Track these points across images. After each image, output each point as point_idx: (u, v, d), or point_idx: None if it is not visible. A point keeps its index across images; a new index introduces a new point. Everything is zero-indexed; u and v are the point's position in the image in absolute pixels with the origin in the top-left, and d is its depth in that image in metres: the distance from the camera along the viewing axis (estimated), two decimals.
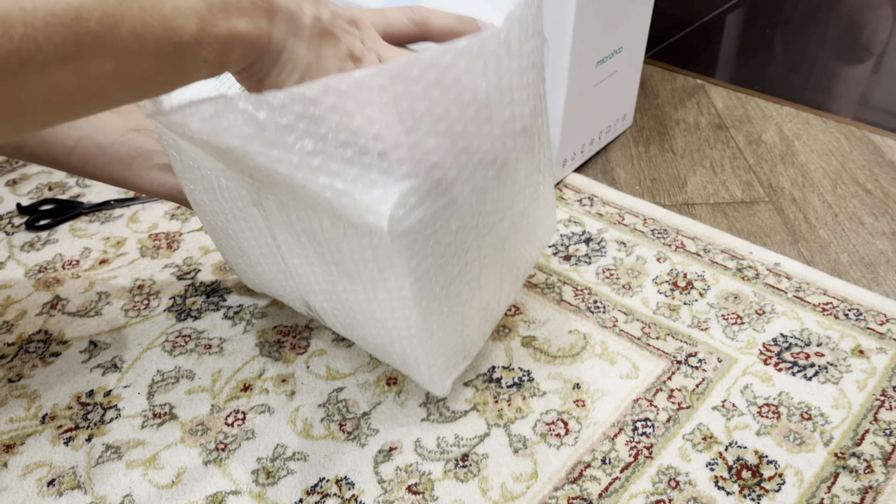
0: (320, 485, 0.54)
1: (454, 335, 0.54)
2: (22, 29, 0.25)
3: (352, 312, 0.54)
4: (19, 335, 0.66)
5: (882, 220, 0.80)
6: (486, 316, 0.58)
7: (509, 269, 0.57)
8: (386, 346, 0.54)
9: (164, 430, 0.57)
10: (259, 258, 0.57)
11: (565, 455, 0.55)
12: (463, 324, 0.55)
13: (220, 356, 0.63)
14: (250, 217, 0.52)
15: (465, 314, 0.54)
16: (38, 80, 0.27)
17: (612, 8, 0.79)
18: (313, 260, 0.50)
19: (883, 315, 0.67)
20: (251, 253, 0.57)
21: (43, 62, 0.26)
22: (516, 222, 0.54)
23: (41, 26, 0.26)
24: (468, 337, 0.57)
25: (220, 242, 0.60)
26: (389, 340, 0.53)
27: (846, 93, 1.06)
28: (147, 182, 0.60)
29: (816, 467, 0.54)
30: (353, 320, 0.55)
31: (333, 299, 0.54)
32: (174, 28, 0.30)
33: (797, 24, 1.27)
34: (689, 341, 0.64)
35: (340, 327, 0.58)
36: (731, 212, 0.81)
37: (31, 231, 0.78)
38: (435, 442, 0.56)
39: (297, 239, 0.50)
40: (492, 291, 0.57)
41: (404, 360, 0.54)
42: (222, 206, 0.54)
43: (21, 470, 0.55)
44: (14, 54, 0.25)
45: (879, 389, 0.60)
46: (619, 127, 0.93)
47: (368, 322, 0.52)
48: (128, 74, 0.30)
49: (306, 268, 0.52)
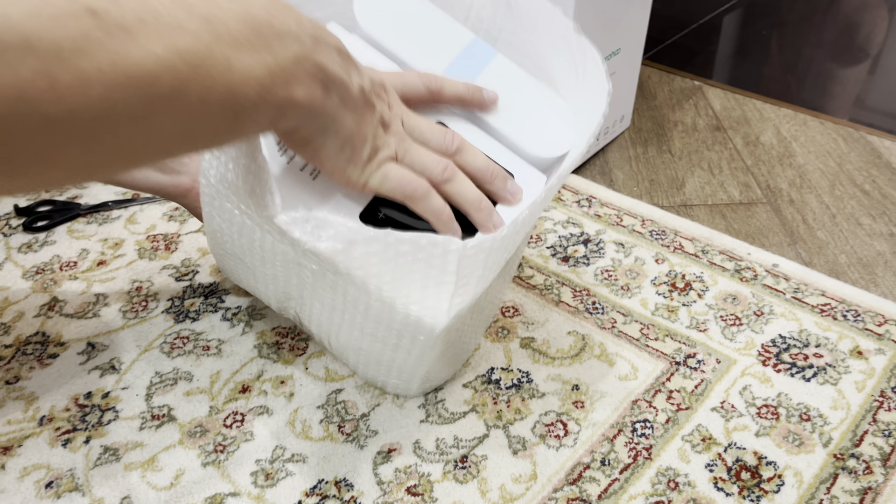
0: (319, 486, 0.53)
1: (452, 361, 0.59)
2: (100, 89, 0.27)
3: (354, 349, 0.56)
4: (17, 337, 0.66)
5: (880, 222, 0.80)
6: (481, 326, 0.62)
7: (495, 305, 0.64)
8: (380, 377, 0.58)
9: (163, 432, 0.57)
10: (270, 283, 0.57)
11: (564, 456, 0.55)
12: (463, 350, 0.60)
13: (218, 358, 0.63)
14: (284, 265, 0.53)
15: (465, 344, 0.59)
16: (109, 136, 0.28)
17: (610, 10, 0.79)
18: (338, 317, 0.53)
19: (881, 316, 0.67)
20: (262, 278, 0.57)
21: (115, 120, 0.28)
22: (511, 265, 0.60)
23: (118, 88, 0.27)
24: (465, 350, 0.61)
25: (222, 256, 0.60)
26: (388, 374, 0.57)
27: (843, 94, 1.06)
28: (132, 178, 0.60)
29: (815, 468, 0.54)
30: (352, 353, 0.57)
31: (339, 337, 0.56)
32: (237, 95, 0.31)
33: (794, 26, 1.27)
34: (687, 342, 0.64)
35: (330, 347, 0.60)
36: (730, 213, 0.82)
37: (29, 232, 0.78)
38: (434, 443, 0.56)
39: (333, 301, 0.52)
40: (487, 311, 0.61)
41: (396, 387, 0.58)
42: (252, 248, 0.53)
43: (19, 472, 0.55)
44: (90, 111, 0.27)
45: (878, 390, 0.60)
46: (617, 128, 0.94)
47: (370, 359, 0.56)
48: (189, 133, 0.32)
49: (326, 314, 0.54)
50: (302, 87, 0.35)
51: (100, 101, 0.27)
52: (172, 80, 0.29)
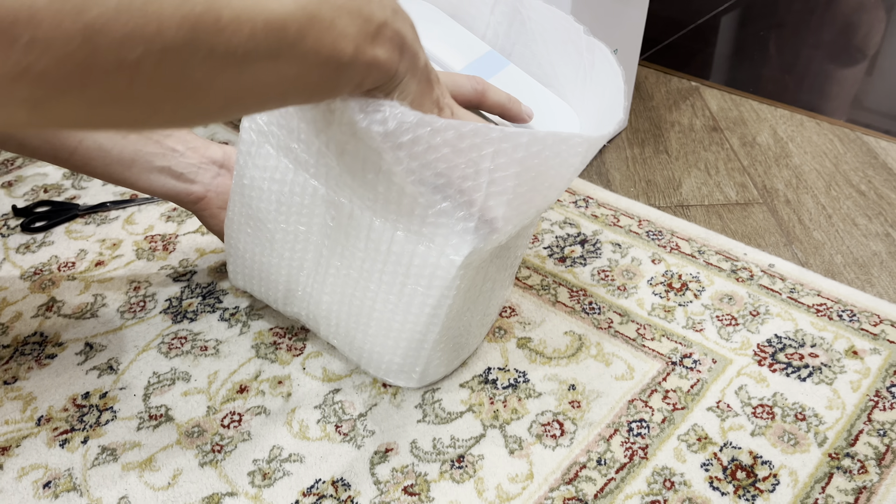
0: (316, 486, 0.54)
1: (454, 351, 0.59)
2: (248, 28, 0.31)
3: (366, 319, 0.57)
4: (15, 337, 0.66)
5: (875, 222, 0.80)
6: (482, 325, 0.63)
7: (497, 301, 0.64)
8: (385, 356, 0.58)
9: (160, 432, 0.57)
10: (285, 251, 0.59)
11: (561, 456, 0.55)
12: (467, 336, 0.60)
13: (216, 358, 0.64)
14: (309, 213, 0.55)
15: (470, 328, 0.59)
16: (249, 74, 0.33)
17: (607, 10, 0.79)
18: (357, 265, 0.55)
19: (876, 316, 0.67)
20: (281, 244, 0.58)
21: (255, 59, 0.32)
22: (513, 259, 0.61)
23: (260, 30, 0.32)
24: (465, 346, 0.61)
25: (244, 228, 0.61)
26: (395, 350, 0.57)
27: (840, 95, 1.06)
28: (146, 183, 0.61)
29: (811, 468, 0.55)
30: (362, 327, 0.58)
31: (352, 304, 0.57)
32: (339, 48, 0.36)
33: (791, 27, 1.27)
34: (683, 342, 0.65)
35: (333, 331, 0.60)
36: (726, 213, 0.82)
37: (27, 233, 0.78)
38: (431, 443, 0.56)
39: (354, 243, 0.54)
40: (491, 305, 0.62)
41: (400, 369, 0.58)
42: (280, 197, 0.56)
43: (17, 472, 0.55)
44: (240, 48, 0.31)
45: (873, 390, 0.60)
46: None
47: (380, 331, 0.56)
48: (302, 80, 0.36)
49: (342, 271, 0.56)
50: (384, 49, 0.39)
51: (247, 40, 0.31)
52: (296, 29, 0.33)
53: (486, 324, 0.64)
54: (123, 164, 0.60)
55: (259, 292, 0.64)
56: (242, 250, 0.62)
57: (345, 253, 0.55)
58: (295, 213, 0.56)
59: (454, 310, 0.53)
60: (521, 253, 0.63)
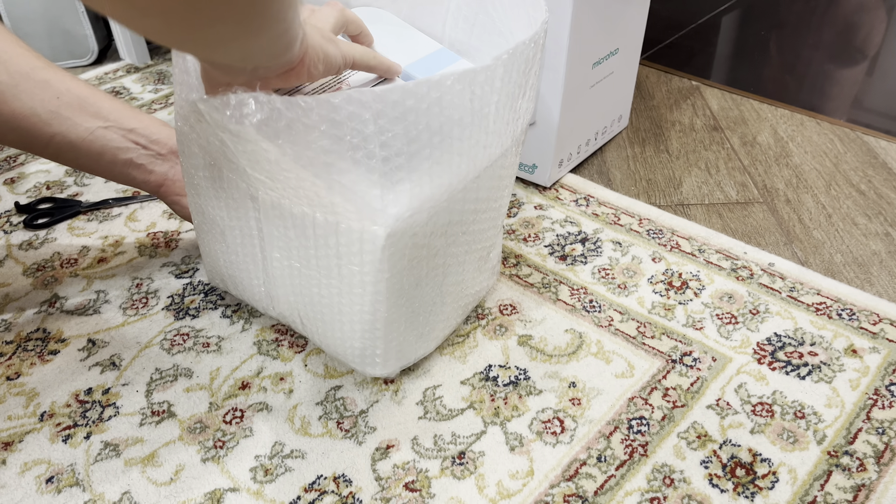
0: (318, 482, 0.54)
1: (414, 331, 0.59)
2: None
3: (318, 307, 0.57)
4: (18, 333, 0.66)
5: (875, 221, 0.80)
6: (455, 306, 0.63)
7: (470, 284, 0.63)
8: (346, 342, 0.58)
9: (163, 428, 0.58)
10: (238, 247, 0.59)
11: (561, 453, 0.56)
12: (432, 315, 0.60)
13: (218, 354, 0.64)
14: (242, 208, 0.56)
15: (433, 307, 0.59)
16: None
17: (609, 10, 0.80)
18: (294, 254, 0.55)
19: (876, 315, 0.67)
20: (232, 241, 0.60)
21: None
22: (475, 241, 0.60)
23: None
24: (434, 326, 0.61)
25: (202, 227, 0.63)
26: (352, 334, 0.57)
27: (840, 95, 1.07)
28: (110, 174, 0.67)
29: (810, 465, 0.55)
30: (318, 315, 0.58)
31: (303, 294, 0.57)
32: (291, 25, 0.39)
33: (792, 27, 1.27)
34: (683, 340, 0.65)
35: (300, 323, 0.61)
36: (726, 212, 0.82)
37: (30, 230, 0.79)
38: (432, 440, 0.57)
39: (283, 233, 0.54)
40: (463, 286, 0.62)
41: (362, 354, 0.58)
42: (218, 194, 0.57)
43: (20, 467, 0.55)
44: None
45: (872, 388, 0.61)
46: (615, 128, 0.94)
47: (333, 317, 0.56)
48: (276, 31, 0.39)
49: (284, 262, 0.56)
50: None
51: None
52: None
53: (461, 305, 0.64)
54: (92, 158, 0.64)
55: (234, 291, 0.65)
56: (209, 249, 0.64)
57: (280, 244, 0.55)
58: (232, 208, 0.57)
59: (397, 285, 0.52)
60: (490, 234, 0.62)
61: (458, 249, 0.58)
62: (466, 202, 0.55)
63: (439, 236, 0.54)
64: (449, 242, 0.56)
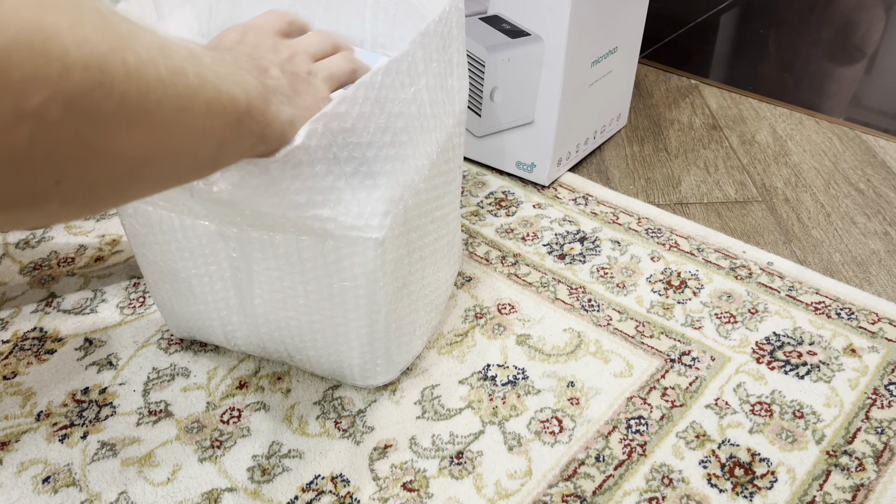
0: (315, 482, 0.54)
1: (407, 332, 0.59)
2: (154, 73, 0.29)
3: (309, 335, 0.56)
4: (14, 332, 0.66)
5: (874, 220, 0.80)
6: (436, 299, 0.63)
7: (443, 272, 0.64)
8: (343, 362, 0.57)
9: (160, 428, 0.57)
10: (207, 295, 0.58)
11: (559, 452, 0.56)
12: (418, 314, 0.60)
13: (215, 354, 0.64)
14: (211, 251, 0.54)
15: (418, 305, 0.59)
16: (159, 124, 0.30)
17: (607, 8, 0.79)
18: (278, 286, 0.54)
19: (875, 314, 0.67)
20: (200, 291, 0.58)
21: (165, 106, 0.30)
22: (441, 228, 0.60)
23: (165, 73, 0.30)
24: (417, 331, 0.61)
25: (159, 285, 0.60)
26: (349, 352, 0.56)
27: (839, 93, 1.07)
28: None
29: (808, 465, 0.55)
30: (310, 343, 0.57)
31: (290, 326, 0.56)
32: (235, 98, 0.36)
33: (791, 25, 1.27)
34: (682, 340, 0.65)
35: (287, 356, 0.60)
36: (725, 211, 0.82)
37: (26, 228, 0.78)
38: (430, 439, 0.57)
39: (265, 265, 0.53)
40: (440, 278, 0.62)
41: (363, 368, 0.58)
42: (180, 245, 0.55)
43: (16, 467, 0.55)
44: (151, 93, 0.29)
45: (871, 388, 0.60)
46: (613, 126, 0.94)
47: (328, 340, 0.56)
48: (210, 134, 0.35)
49: (267, 297, 0.55)
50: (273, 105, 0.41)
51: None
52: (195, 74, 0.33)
53: (441, 294, 0.63)
54: None
55: (207, 339, 0.63)
56: (170, 304, 0.61)
57: (261, 279, 0.54)
58: (199, 255, 0.55)
59: (389, 291, 0.52)
60: (452, 218, 0.62)
61: (429, 240, 0.58)
62: (428, 191, 0.55)
63: (413, 230, 0.54)
64: (421, 235, 0.56)
